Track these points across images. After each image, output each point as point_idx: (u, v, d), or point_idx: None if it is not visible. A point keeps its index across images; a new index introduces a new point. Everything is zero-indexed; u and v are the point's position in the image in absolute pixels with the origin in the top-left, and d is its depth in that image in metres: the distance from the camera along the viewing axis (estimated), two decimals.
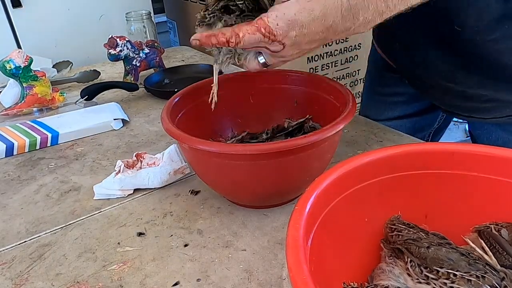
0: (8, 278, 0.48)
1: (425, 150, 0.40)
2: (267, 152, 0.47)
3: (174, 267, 0.48)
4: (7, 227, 0.57)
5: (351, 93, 0.57)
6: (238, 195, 0.57)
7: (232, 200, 0.59)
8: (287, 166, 0.50)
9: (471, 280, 0.32)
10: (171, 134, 0.51)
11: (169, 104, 0.58)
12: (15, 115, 0.90)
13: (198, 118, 0.62)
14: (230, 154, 0.48)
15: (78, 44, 1.37)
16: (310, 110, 0.66)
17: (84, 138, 0.80)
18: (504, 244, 0.36)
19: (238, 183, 0.53)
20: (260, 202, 0.57)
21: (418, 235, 0.38)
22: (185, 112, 0.61)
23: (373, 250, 0.41)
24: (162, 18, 1.80)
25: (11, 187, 0.66)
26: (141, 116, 0.89)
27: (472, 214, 0.40)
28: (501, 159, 0.38)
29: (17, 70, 0.87)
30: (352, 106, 0.52)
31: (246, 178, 0.52)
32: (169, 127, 0.52)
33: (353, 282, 0.36)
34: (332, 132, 0.48)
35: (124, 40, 0.99)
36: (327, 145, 0.52)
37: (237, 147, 0.49)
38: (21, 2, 1.27)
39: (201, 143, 0.48)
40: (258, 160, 0.49)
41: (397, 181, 0.40)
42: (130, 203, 0.60)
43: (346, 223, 0.38)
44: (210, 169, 0.53)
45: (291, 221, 0.31)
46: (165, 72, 1.09)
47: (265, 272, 0.47)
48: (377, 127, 0.77)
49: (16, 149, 0.75)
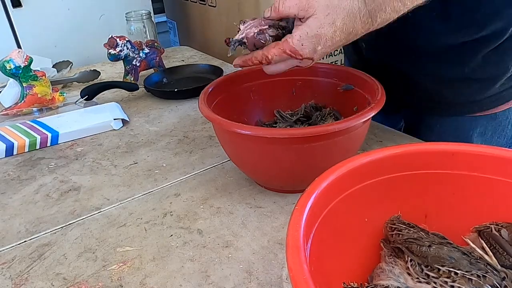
0: (8, 278, 0.48)
1: (425, 150, 0.40)
2: (318, 135, 0.50)
3: (174, 267, 0.48)
4: (7, 227, 0.57)
5: (379, 82, 0.60)
6: (281, 179, 0.59)
7: (266, 184, 0.61)
8: (332, 147, 0.53)
9: (472, 279, 0.32)
10: (226, 126, 0.53)
11: (204, 95, 0.60)
12: (15, 115, 0.90)
13: (229, 107, 0.65)
14: (282, 139, 0.51)
15: (78, 44, 1.37)
16: (331, 100, 0.70)
17: (84, 138, 0.80)
18: (504, 244, 0.36)
19: (284, 168, 0.55)
20: (298, 185, 0.58)
21: (419, 235, 0.38)
22: (217, 102, 0.63)
23: (373, 250, 0.41)
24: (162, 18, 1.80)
25: (11, 187, 0.66)
26: (141, 116, 0.89)
27: (472, 214, 0.40)
28: (501, 159, 0.38)
29: (17, 70, 0.87)
30: (382, 95, 0.56)
31: (294, 162, 0.54)
32: (213, 116, 0.54)
33: (353, 282, 0.36)
34: (371, 114, 0.52)
35: (124, 40, 0.99)
36: (361, 130, 0.56)
37: (291, 131, 0.53)
38: (21, 2, 1.27)
39: (254, 129, 0.53)
40: (306, 143, 0.51)
41: (397, 181, 0.40)
42: (130, 203, 0.60)
43: (346, 223, 0.38)
44: (255, 154, 0.56)
45: (291, 221, 0.31)
46: (165, 72, 1.09)
47: (265, 272, 0.47)
48: (377, 127, 0.77)
49: (16, 149, 0.75)
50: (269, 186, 0.61)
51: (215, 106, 0.61)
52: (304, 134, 0.49)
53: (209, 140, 0.77)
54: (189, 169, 0.68)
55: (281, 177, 0.58)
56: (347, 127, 0.50)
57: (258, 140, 0.52)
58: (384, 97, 0.55)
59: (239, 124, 0.51)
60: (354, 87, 0.65)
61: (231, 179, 0.64)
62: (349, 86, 0.66)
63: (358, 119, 0.50)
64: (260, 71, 0.69)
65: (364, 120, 0.52)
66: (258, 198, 0.59)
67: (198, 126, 0.83)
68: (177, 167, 0.68)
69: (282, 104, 0.72)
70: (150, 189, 0.63)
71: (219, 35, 1.39)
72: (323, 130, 0.50)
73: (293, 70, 0.68)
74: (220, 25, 1.36)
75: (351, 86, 0.66)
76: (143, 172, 0.68)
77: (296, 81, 0.70)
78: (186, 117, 0.87)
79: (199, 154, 0.72)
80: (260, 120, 0.72)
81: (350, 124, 0.50)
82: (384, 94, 0.56)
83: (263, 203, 0.58)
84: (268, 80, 0.69)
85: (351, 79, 0.66)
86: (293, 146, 0.51)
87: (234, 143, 0.57)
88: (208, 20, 1.42)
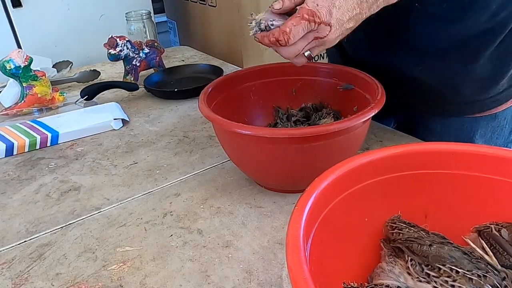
0: (8, 278, 0.48)
1: (425, 150, 0.40)
2: (318, 135, 0.50)
3: (174, 267, 0.48)
4: (7, 227, 0.57)
5: (379, 82, 0.60)
6: (281, 179, 0.59)
7: (266, 184, 0.61)
8: (332, 147, 0.53)
9: (472, 279, 0.32)
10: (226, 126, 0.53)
11: (204, 95, 0.60)
12: (15, 115, 0.90)
13: (229, 107, 0.65)
14: (282, 139, 0.51)
15: (78, 44, 1.37)
16: (333, 100, 0.70)
17: (84, 138, 0.80)
18: (504, 244, 0.36)
19: (284, 168, 0.55)
20: (298, 185, 0.58)
21: (419, 234, 0.38)
22: (217, 102, 0.63)
23: (373, 250, 0.41)
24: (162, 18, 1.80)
25: (11, 187, 0.66)
26: (141, 116, 0.89)
27: (472, 214, 0.40)
28: (501, 159, 0.38)
29: (17, 70, 0.87)
30: (382, 95, 0.56)
31: (294, 162, 0.54)
32: (212, 116, 0.54)
33: (353, 282, 0.36)
34: (371, 114, 0.52)
35: (124, 40, 0.99)
36: (361, 130, 0.56)
37: (292, 131, 0.53)
38: (21, 2, 1.27)
39: (255, 129, 0.52)
40: (306, 143, 0.51)
41: (397, 181, 0.40)
42: (130, 203, 0.60)
43: (346, 223, 0.38)
44: (255, 154, 0.56)
45: (291, 221, 0.31)
46: (165, 72, 1.09)
47: (265, 272, 0.47)
48: (377, 127, 0.77)
49: (16, 149, 0.75)
50: (269, 186, 0.61)
51: (215, 106, 0.61)
52: (304, 134, 0.49)
53: (209, 140, 0.77)
54: (189, 169, 0.68)
55: (281, 177, 0.58)
56: (347, 127, 0.50)
57: (258, 140, 0.52)
58: (384, 97, 0.55)
59: (239, 124, 0.51)
60: (354, 87, 0.65)
61: (231, 179, 0.64)
62: (349, 86, 0.66)
63: (358, 119, 0.50)
64: (260, 71, 0.69)
65: (364, 120, 0.52)
66: (258, 198, 0.59)
67: (198, 126, 0.83)
68: (177, 167, 0.68)
69: (282, 104, 0.72)
70: (150, 189, 0.63)
71: (219, 35, 1.39)
72: (323, 130, 0.50)
73: (293, 70, 0.69)
74: (220, 25, 1.36)
75: (351, 86, 0.66)
76: (143, 172, 0.68)
77: (296, 81, 0.70)
78: (186, 117, 0.87)
79: (199, 154, 0.72)
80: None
81: (350, 124, 0.50)
82: (384, 94, 0.56)
83: (263, 203, 0.58)
84: (268, 80, 0.69)
85: (351, 79, 0.66)
86: (293, 146, 0.51)
87: (234, 143, 0.57)
88: (208, 20, 1.42)
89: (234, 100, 0.67)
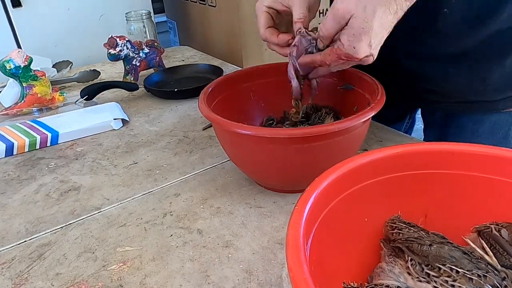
0: (8, 278, 0.48)
1: (425, 150, 0.40)
2: (318, 135, 0.50)
3: (174, 267, 0.48)
4: (7, 227, 0.57)
5: (379, 82, 0.60)
6: (281, 179, 0.59)
7: (266, 184, 0.61)
8: (332, 147, 0.53)
9: (472, 279, 0.32)
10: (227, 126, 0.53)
11: (204, 95, 0.60)
12: (15, 115, 0.90)
13: (229, 107, 0.65)
14: (282, 139, 0.51)
15: (78, 44, 1.37)
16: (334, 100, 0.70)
17: (84, 138, 0.80)
18: (504, 244, 0.36)
19: (284, 168, 0.56)
20: (298, 185, 0.58)
21: (419, 234, 0.38)
22: (217, 102, 0.63)
23: (373, 250, 0.41)
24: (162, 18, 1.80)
25: (11, 187, 0.66)
26: (141, 116, 0.89)
27: (472, 214, 0.40)
28: (501, 159, 0.38)
29: (17, 70, 0.87)
30: (382, 95, 0.56)
31: (294, 162, 0.54)
32: (214, 116, 0.54)
33: (353, 282, 0.36)
34: (371, 114, 0.52)
35: (124, 40, 0.99)
36: (361, 130, 0.56)
37: (293, 131, 0.53)
38: (21, 2, 1.27)
39: (255, 129, 0.53)
40: (306, 143, 0.51)
41: (397, 181, 0.40)
42: (130, 203, 0.60)
43: (346, 223, 0.38)
44: (255, 154, 0.56)
45: (291, 221, 0.31)
46: (165, 72, 1.09)
47: (265, 272, 0.47)
48: (376, 127, 0.77)
49: (16, 148, 0.75)
50: (269, 186, 0.61)
51: (215, 106, 0.61)
52: (304, 134, 0.49)
53: (209, 140, 0.77)
54: (189, 169, 0.68)
55: (281, 177, 0.58)
56: (347, 127, 0.50)
57: (258, 140, 0.52)
58: (384, 97, 0.55)
59: (239, 124, 0.51)
60: (354, 87, 0.65)
61: (231, 179, 0.64)
62: (349, 86, 0.66)
63: (358, 119, 0.50)
64: (260, 71, 0.69)
65: (364, 120, 0.52)
66: (258, 198, 0.59)
67: (198, 126, 0.83)
68: (177, 167, 0.68)
69: (282, 104, 0.71)
70: (150, 189, 0.63)
71: (219, 35, 1.39)
72: (323, 130, 0.50)
73: None
74: (220, 25, 1.36)
75: (351, 86, 0.66)
76: (143, 172, 0.68)
77: None
78: (186, 117, 0.87)
79: (199, 154, 0.72)
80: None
81: (350, 124, 0.50)
82: (384, 94, 0.56)
83: (263, 203, 0.58)
84: (268, 80, 0.69)
85: (351, 79, 0.65)
86: (293, 146, 0.51)
87: (234, 143, 0.57)
88: (208, 20, 1.42)
89: (234, 100, 0.67)
